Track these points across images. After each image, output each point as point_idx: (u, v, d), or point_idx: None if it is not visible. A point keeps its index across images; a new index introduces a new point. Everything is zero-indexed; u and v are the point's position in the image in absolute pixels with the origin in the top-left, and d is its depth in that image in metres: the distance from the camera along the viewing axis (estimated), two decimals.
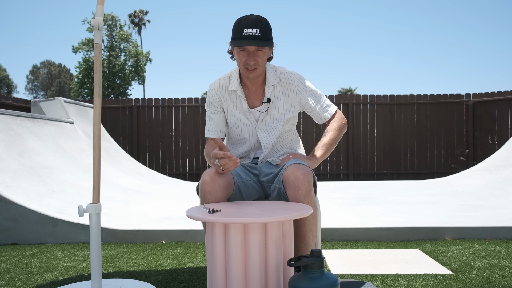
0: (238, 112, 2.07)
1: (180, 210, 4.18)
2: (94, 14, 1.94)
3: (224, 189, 1.82)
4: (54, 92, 51.34)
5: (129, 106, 9.51)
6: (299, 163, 1.84)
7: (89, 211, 1.89)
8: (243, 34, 1.87)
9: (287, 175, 1.79)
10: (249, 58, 1.90)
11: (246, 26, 1.88)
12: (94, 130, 1.92)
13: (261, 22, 1.90)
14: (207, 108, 2.12)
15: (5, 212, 3.30)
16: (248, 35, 1.87)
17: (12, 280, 2.35)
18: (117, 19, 26.56)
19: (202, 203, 1.82)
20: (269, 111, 2.05)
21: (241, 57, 1.92)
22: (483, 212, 3.96)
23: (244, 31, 1.87)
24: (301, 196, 1.76)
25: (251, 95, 2.06)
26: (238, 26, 1.90)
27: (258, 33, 1.87)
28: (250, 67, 1.92)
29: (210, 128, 2.11)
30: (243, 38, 1.87)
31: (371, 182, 7.32)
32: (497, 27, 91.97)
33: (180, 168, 9.49)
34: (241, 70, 1.97)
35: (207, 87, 2.15)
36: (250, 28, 1.87)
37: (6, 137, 4.24)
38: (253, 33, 1.87)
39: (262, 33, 1.88)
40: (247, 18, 1.91)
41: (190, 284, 2.21)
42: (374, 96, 9.30)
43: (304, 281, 1.47)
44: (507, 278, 2.23)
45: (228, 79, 2.08)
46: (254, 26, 1.87)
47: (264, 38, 1.89)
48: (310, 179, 1.79)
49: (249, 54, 1.91)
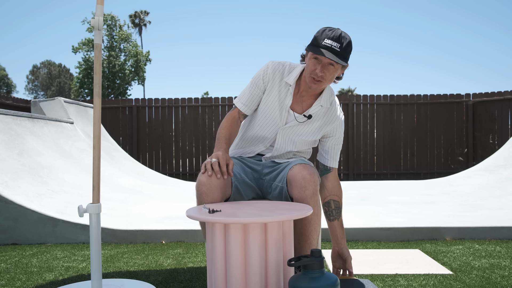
0: (275, 104, 1.99)
1: (180, 210, 4.18)
2: (94, 14, 1.94)
3: (220, 189, 1.79)
4: (54, 92, 51.34)
5: (129, 106, 9.51)
6: (305, 162, 1.84)
7: (89, 211, 1.89)
8: (322, 43, 1.82)
9: (294, 175, 1.78)
10: (319, 68, 1.84)
11: (328, 37, 1.82)
12: (94, 130, 1.92)
13: (344, 39, 1.83)
14: (254, 80, 2.02)
15: (5, 212, 3.30)
16: (327, 46, 1.81)
17: (12, 280, 2.35)
18: (116, 19, 26.56)
19: (199, 204, 1.80)
20: (302, 125, 2.02)
21: (311, 65, 1.86)
22: (483, 212, 3.96)
23: (325, 41, 1.82)
24: (308, 196, 1.75)
25: (297, 98, 2.01)
26: (320, 35, 1.85)
27: (337, 47, 1.81)
28: (316, 78, 1.86)
29: (243, 100, 2.02)
30: (321, 47, 1.81)
31: (371, 182, 7.33)
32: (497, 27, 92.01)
33: (180, 168, 9.49)
34: (307, 77, 1.90)
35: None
36: (332, 40, 1.81)
37: (6, 137, 4.24)
38: (332, 46, 1.81)
39: (341, 49, 1.82)
40: (332, 30, 1.85)
41: (190, 284, 2.21)
42: (374, 96, 9.30)
43: (304, 281, 1.47)
44: (507, 278, 2.23)
45: (288, 70, 2.00)
46: (336, 40, 1.82)
47: (341, 55, 1.82)
48: (316, 179, 1.78)
49: (320, 64, 1.85)
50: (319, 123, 2.03)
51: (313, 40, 1.87)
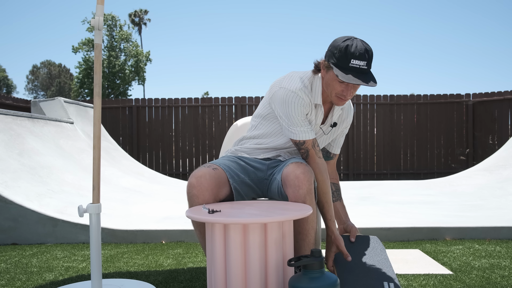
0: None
1: (180, 210, 4.18)
2: (94, 14, 1.94)
3: (211, 191, 1.76)
4: (54, 92, 51.34)
5: (129, 106, 9.51)
6: (299, 161, 1.81)
7: (89, 211, 1.89)
8: (349, 64, 1.72)
9: (287, 174, 1.76)
10: (347, 91, 1.79)
11: (354, 56, 1.72)
12: (94, 130, 1.92)
13: (368, 52, 1.75)
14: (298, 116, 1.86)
15: (5, 212, 3.30)
16: (355, 67, 1.72)
17: (12, 280, 2.35)
18: (117, 19, 26.57)
19: (190, 207, 1.78)
20: (329, 134, 2.02)
21: (338, 87, 1.80)
22: (483, 212, 3.96)
23: (352, 61, 1.72)
24: (302, 195, 1.73)
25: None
26: (345, 52, 1.73)
27: (364, 66, 1.73)
28: (345, 98, 1.82)
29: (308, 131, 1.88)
30: (350, 70, 1.73)
31: (371, 182, 7.32)
32: (497, 27, 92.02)
33: (180, 168, 9.49)
34: (332, 96, 1.85)
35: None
36: (358, 59, 1.72)
37: (6, 137, 4.24)
38: (360, 66, 1.72)
39: (367, 65, 1.74)
40: (355, 44, 1.74)
41: (190, 284, 2.21)
42: (374, 96, 9.30)
43: (304, 281, 1.47)
44: (507, 278, 2.23)
45: (310, 90, 1.89)
46: (362, 58, 1.72)
47: (370, 72, 1.76)
48: (310, 177, 1.75)
49: (348, 86, 1.79)
50: (341, 123, 2.06)
51: (337, 60, 1.76)
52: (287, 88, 1.86)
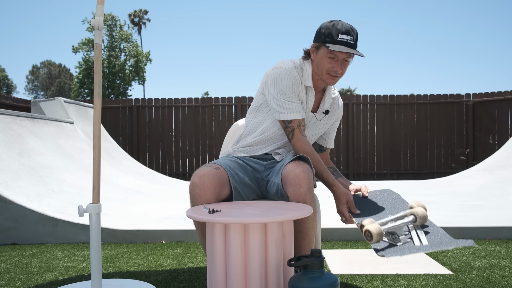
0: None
1: (180, 210, 4.18)
2: (94, 14, 1.94)
3: (214, 190, 1.78)
4: (54, 92, 51.34)
5: (129, 106, 9.51)
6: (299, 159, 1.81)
7: (89, 211, 1.89)
8: (338, 39, 1.81)
9: (287, 173, 1.76)
10: (337, 65, 1.85)
11: (341, 31, 1.81)
12: (94, 130, 1.92)
13: (353, 31, 1.84)
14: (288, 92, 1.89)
15: (5, 212, 3.30)
16: (343, 41, 1.80)
17: (12, 280, 2.35)
18: (117, 19, 26.57)
19: (193, 206, 1.78)
20: (321, 122, 2.04)
21: (328, 63, 1.85)
22: (483, 212, 3.96)
23: (340, 36, 1.81)
24: (303, 194, 1.73)
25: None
26: (332, 30, 1.82)
27: (352, 41, 1.82)
28: (335, 74, 1.87)
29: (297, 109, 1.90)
30: (338, 43, 1.81)
31: (371, 182, 7.33)
32: (497, 27, 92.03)
33: (180, 168, 9.50)
34: (322, 74, 1.89)
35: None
36: (345, 34, 1.81)
37: (6, 137, 4.24)
38: (348, 40, 1.81)
39: (354, 41, 1.83)
40: (341, 23, 1.84)
41: (190, 284, 2.21)
42: (374, 96, 9.30)
43: (304, 281, 1.47)
44: (507, 278, 2.23)
45: (300, 72, 1.94)
46: (348, 33, 1.82)
47: (356, 47, 1.84)
48: (310, 176, 1.76)
49: (337, 61, 1.84)
50: (331, 114, 2.08)
51: (325, 37, 1.83)
52: (280, 67, 1.94)
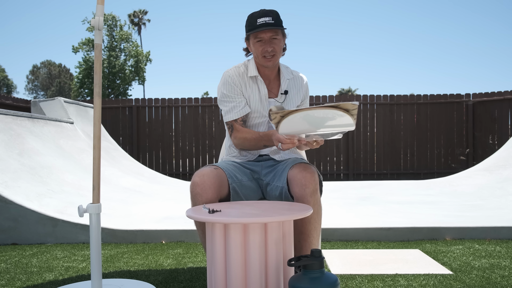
0: (256, 100, 2.05)
1: (180, 210, 4.18)
2: (94, 14, 1.94)
3: (215, 189, 1.81)
4: (54, 92, 51.33)
5: (129, 106, 9.51)
6: (305, 162, 1.87)
7: (89, 211, 1.89)
8: (257, 23, 1.94)
9: (294, 174, 1.81)
10: (266, 46, 1.95)
11: (259, 16, 1.95)
12: (94, 130, 1.92)
13: (272, 12, 1.97)
14: (226, 93, 2.04)
15: (5, 212, 3.30)
16: (262, 23, 1.93)
17: (12, 280, 2.35)
18: (117, 19, 26.57)
19: (194, 205, 1.81)
20: (285, 103, 2.08)
21: (258, 47, 1.97)
22: (483, 212, 3.96)
23: (258, 20, 1.94)
24: (308, 194, 1.78)
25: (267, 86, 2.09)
26: (251, 18, 1.98)
27: (271, 20, 1.94)
28: (268, 55, 1.96)
29: (234, 110, 2.03)
30: (258, 27, 1.93)
31: (371, 182, 7.32)
32: (497, 27, 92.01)
33: (180, 168, 9.49)
34: (259, 60, 2.00)
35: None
36: (263, 17, 1.94)
37: (6, 137, 4.24)
38: (267, 21, 1.93)
39: (274, 20, 1.95)
40: (259, 11, 1.99)
41: (190, 284, 2.21)
42: (374, 96, 9.30)
43: (304, 281, 1.47)
44: (507, 278, 2.23)
45: (245, 67, 2.08)
46: (266, 15, 1.95)
47: (278, 24, 1.95)
48: (316, 178, 1.82)
49: (265, 43, 1.96)
50: (295, 93, 2.11)
51: (247, 27, 1.99)
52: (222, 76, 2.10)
